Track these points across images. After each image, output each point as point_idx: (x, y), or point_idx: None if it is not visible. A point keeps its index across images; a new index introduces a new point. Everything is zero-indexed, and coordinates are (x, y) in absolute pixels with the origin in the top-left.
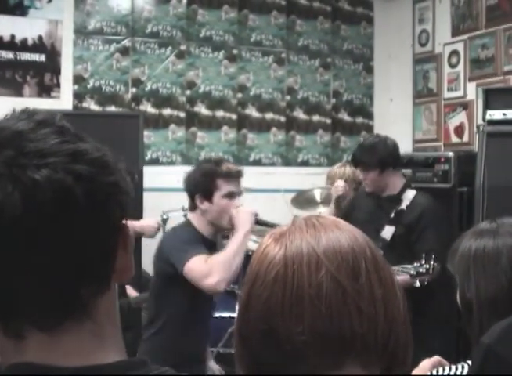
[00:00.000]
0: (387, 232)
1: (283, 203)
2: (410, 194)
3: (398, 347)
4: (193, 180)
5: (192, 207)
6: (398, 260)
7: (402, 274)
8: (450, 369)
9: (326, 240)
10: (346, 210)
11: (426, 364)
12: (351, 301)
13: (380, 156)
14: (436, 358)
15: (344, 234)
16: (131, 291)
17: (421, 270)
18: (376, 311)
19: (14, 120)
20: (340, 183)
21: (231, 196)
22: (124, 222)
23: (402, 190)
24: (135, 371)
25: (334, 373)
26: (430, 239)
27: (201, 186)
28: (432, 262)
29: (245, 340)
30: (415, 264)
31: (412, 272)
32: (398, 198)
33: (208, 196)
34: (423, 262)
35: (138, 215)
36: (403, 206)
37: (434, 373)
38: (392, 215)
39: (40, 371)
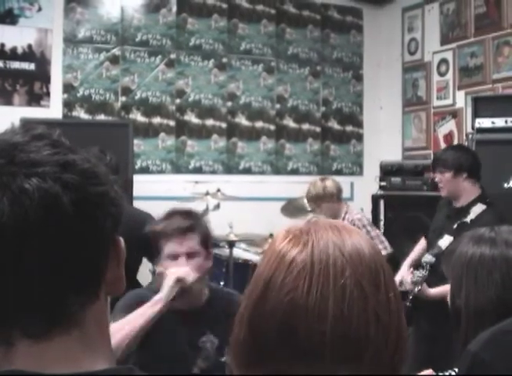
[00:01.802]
0: (445, 241)
1: (272, 211)
2: (478, 209)
3: (400, 359)
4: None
5: None
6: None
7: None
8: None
9: (351, 244)
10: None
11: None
12: (371, 308)
13: (457, 158)
14: (429, 371)
15: (366, 243)
16: None
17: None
18: (391, 321)
19: (11, 134)
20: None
21: (172, 256)
22: (116, 235)
23: (472, 203)
24: None
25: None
26: None
27: (150, 253)
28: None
29: (256, 330)
30: (419, 270)
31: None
32: (466, 210)
33: (156, 261)
34: (424, 270)
35: None
36: (468, 219)
37: None
38: (455, 225)
39: None
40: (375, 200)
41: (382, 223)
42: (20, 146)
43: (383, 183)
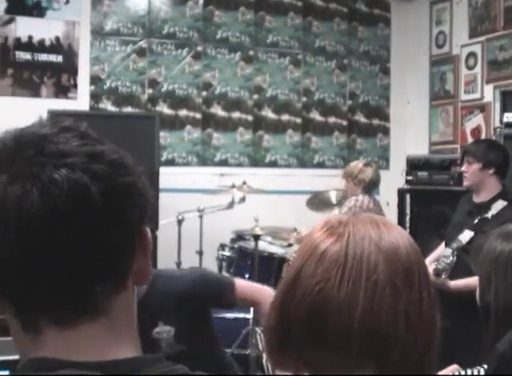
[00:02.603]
0: (466, 236)
1: (298, 204)
2: (500, 205)
3: (430, 362)
4: None
5: None
6: (468, 265)
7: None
8: (466, 373)
9: (388, 241)
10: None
11: (443, 372)
12: (402, 306)
13: (488, 151)
14: (453, 366)
15: (404, 241)
16: None
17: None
18: (421, 323)
19: (39, 126)
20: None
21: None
22: (143, 225)
23: (493, 199)
24: (150, 367)
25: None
26: None
27: None
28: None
29: (285, 317)
30: (443, 259)
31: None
32: (487, 206)
33: None
34: (451, 257)
35: (153, 215)
36: (489, 215)
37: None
38: (476, 221)
39: (56, 366)
40: (401, 194)
41: (408, 218)
42: (49, 138)
43: (409, 177)
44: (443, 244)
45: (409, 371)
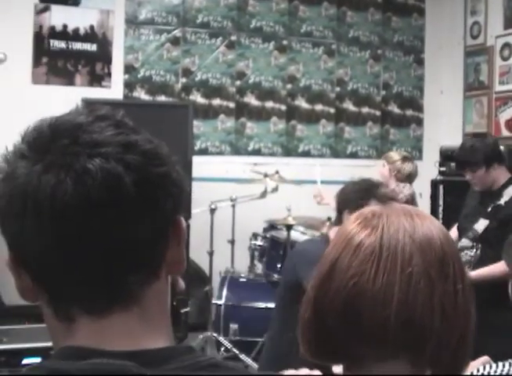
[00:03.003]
0: (481, 225)
1: (330, 194)
2: (511, 190)
3: (464, 355)
4: (346, 195)
5: (338, 221)
6: (488, 254)
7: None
8: (497, 366)
9: (422, 232)
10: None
11: (474, 363)
12: (437, 299)
13: (483, 153)
14: (485, 358)
15: (439, 232)
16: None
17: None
18: (457, 314)
19: (75, 114)
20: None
21: None
22: (177, 215)
23: (504, 186)
24: (183, 357)
25: (384, 365)
26: None
27: (353, 202)
28: (476, 251)
29: (321, 312)
30: (465, 251)
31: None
32: (498, 193)
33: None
34: (474, 250)
35: (186, 204)
36: (502, 201)
37: (481, 370)
38: (489, 209)
39: (87, 355)
40: (434, 185)
41: (441, 209)
42: (84, 127)
43: (442, 168)
44: (453, 232)
45: (443, 364)
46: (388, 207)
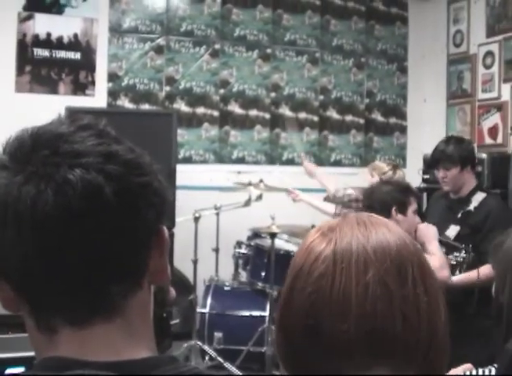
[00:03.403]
0: (452, 231)
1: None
2: (480, 196)
3: (436, 357)
4: (387, 194)
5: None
6: (459, 261)
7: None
8: (477, 371)
9: (376, 239)
10: (425, 215)
11: (457, 370)
12: (397, 305)
13: (462, 152)
14: (467, 365)
15: (394, 237)
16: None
17: (458, 259)
18: (420, 319)
19: (57, 124)
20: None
21: (416, 212)
22: (160, 224)
23: (472, 192)
24: (166, 367)
25: (363, 373)
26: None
27: (398, 200)
28: (468, 254)
29: (286, 331)
30: (454, 254)
31: (452, 262)
32: (467, 199)
33: (403, 209)
34: (463, 252)
35: (170, 213)
36: (471, 207)
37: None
38: (459, 215)
39: (69, 365)
40: (418, 192)
41: (425, 216)
42: (65, 137)
43: (426, 176)
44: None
45: (415, 367)
46: (343, 218)
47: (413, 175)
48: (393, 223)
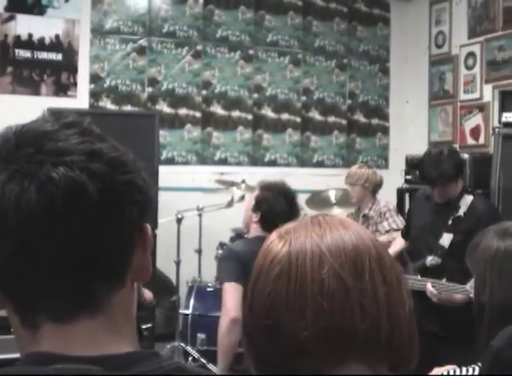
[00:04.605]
0: (446, 239)
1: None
2: (467, 200)
3: (402, 345)
4: None
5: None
6: (458, 267)
7: (463, 294)
8: (461, 370)
9: (331, 237)
10: (407, 216)
11: (441, 369)
12: (354, 298)
13: (457, 167)
14: (451, 366)
15: (349, 233)
16: (145, 292)
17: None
18: (379, 309)
19: (41, 122)
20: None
21: None
22: (143, 222)
23: (459, 196)
24: (148, 362)
25: (338, 370)
26: None
27: None
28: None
29: (250, 335)
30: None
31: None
32: (455, 204)
33: None
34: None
35: (153, 214)
36: (460, 213)
37: (445, 374)
38: (450, 222)
39: (52, 360)
40: (400, 193)
41: (407, 217)
42: (49, 135)
43: (408, 177)
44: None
45: (380, 356)
46: (299, 221)
47: (396, 175)
48: (349, 220)
